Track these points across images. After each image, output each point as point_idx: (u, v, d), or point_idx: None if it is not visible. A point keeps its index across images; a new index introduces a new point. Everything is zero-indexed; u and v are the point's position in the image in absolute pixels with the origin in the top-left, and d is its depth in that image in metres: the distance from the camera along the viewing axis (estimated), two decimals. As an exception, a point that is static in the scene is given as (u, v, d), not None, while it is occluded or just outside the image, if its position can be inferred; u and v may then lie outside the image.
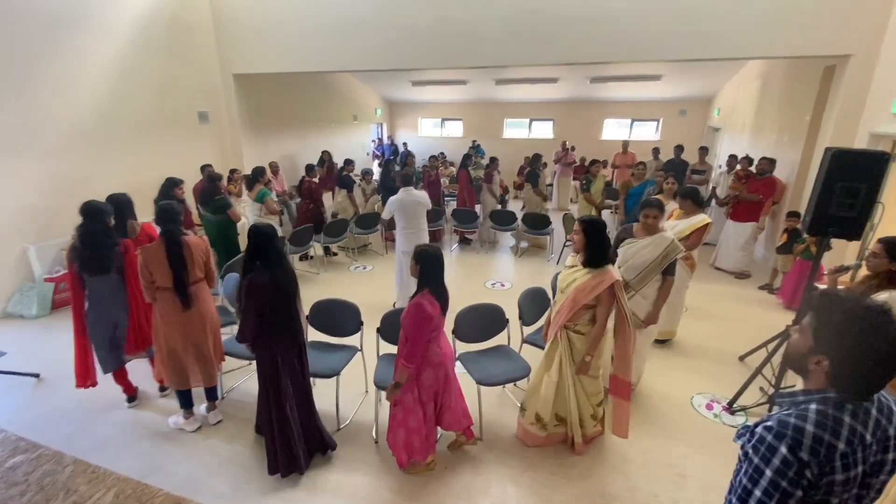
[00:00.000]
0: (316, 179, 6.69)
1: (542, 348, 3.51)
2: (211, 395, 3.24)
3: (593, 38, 5.71)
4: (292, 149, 9.50)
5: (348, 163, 7.35)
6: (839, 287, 2.71)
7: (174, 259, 2.83)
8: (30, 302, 4.82)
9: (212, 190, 5.04)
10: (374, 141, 13.89)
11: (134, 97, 6.00)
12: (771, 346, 3.52)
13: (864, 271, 2.87)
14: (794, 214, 5.22)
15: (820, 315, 1.14)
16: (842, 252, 5.03)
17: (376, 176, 10.63)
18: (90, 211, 3.07)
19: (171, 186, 4.61)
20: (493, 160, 7.88)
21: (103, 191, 5.66)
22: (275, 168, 7.96)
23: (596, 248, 2.60)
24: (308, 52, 6.82)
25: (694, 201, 3.95)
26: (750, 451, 1.13)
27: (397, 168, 8.32)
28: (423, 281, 2.46)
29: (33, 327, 4.65)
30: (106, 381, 3.67)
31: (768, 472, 1.07)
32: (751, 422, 3.19)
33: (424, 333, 2.38)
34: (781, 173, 6.37)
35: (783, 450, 1.06)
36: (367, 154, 13.07)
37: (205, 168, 6.13)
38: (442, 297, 2.47)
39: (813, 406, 1.11)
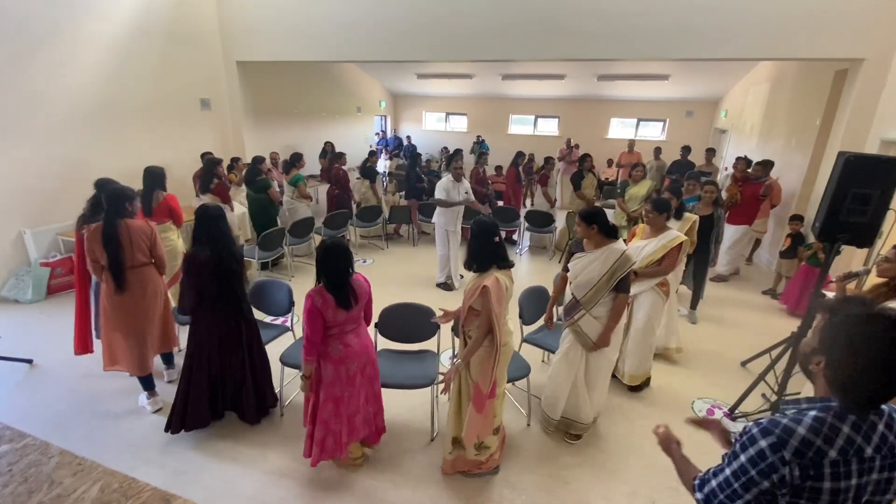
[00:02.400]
0: (345, 167, 7.07)
1: (543, 348, 3.48)
2: (167, 360, 3.42)
3: (602, 34, 5.62)
4: (294, 139, 9.42)
5: (372, 154, 7.57)
6: (849, 294, 2.64)
7: (106, 240, 2.88)
8: (25, 287, 4.77)
9: (254, 171, 5.58)
10: (377, 133, 13.80)
11: (134, 82, 5.91)
12: (774, 353, 3.46)
13: (872, 278, 2.81)
14: (797, 218, 5.15)
15: (829, 316, 1.13)
16: (848, 259, 4.96)
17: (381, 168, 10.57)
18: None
19: (212, 165, 5.20)
20: (549, 160, 7.67)
21: (102, 175, 5.62)
22: (275, 159, 7.89)
23: (477, 250, 2.42)
24: (313, 41, 6.73)
25: (667, 214, 3.40)
26: (737, 442, 1.17)
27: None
28: (319, 273, 2.40)
29: (28, 312, 4.60)
30: (98, 368, 3.63)
31: (742, 458, 1.11)
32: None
33: (315, 327, 2.34)
34: (789, 177, 6.30)
35: (762, 443, 1.08)
36: (371, 146, 12.97)
37: (204, 155, 6.06)
38: (340, 292, 2.37)
39: (812, 413, 1.09)
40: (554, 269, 4.95)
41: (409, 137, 13.65)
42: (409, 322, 3.21)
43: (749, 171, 6.09)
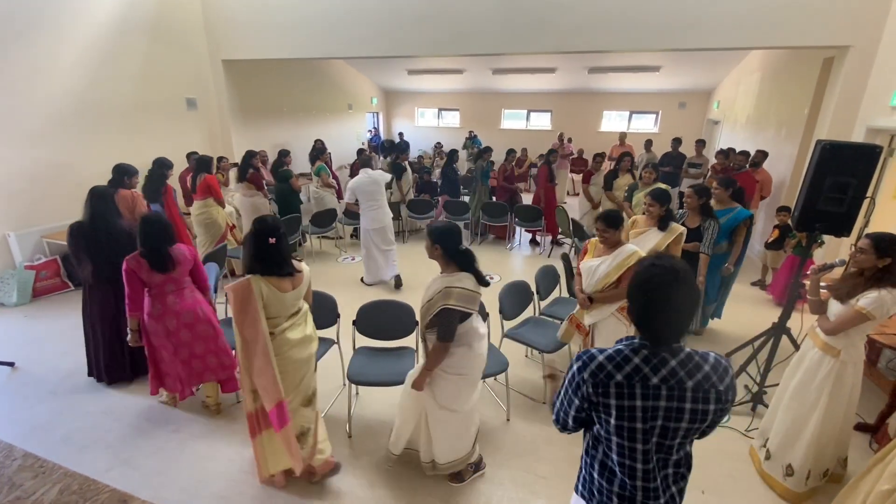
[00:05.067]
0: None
1: (525, 343, 3.47)
2: None
3: (589, 26, 5.57)
4: (284, 137, 9.38)
5: (403, 151, 7.64)
6: (823, 284, 2.62)
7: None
8: (10, 290, 4.75)
9: (279, 162, 6.43)
10: (370, 131, 13.75)
11: (118, 82, 5.88)
12: (756, 344, 3.44)
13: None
14: (784, 209, 5.13)
15: (636, 267, 1.37)
16: (836, 249, 4.94)
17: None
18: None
19: (250, 157, 5.84)
20: (596, 157, 7.06)
21: (87, 177, 5.60)
22: (263, 158, 7.85)
23: (249, 250, 2.26)
24: (299, 39, 6.68)
25: (615, 227, 2.85)
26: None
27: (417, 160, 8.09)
28: (140, 243, 2.75)
29: (12, 315, 4.58)
30: (80, 371, 3.64)
31: (566, 381, 1.41)
32: (733, 422, 3.13)
33: (133, 286, 2.74)
34: (779, 167, 6.27)
35: (574, 367, 1.36)
36: (363, 143, 12.92)
37: (191, 155, 6.04)
38: (154, 256, 2.72)
39: (618, 346, 1.33)
40: (539, 264, 4.88)
41: (401, 134, 13.58)
42: (388, 319, 3.20)
43: (728, 162, 6.08)
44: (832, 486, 2.55)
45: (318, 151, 7.01)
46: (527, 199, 7.44)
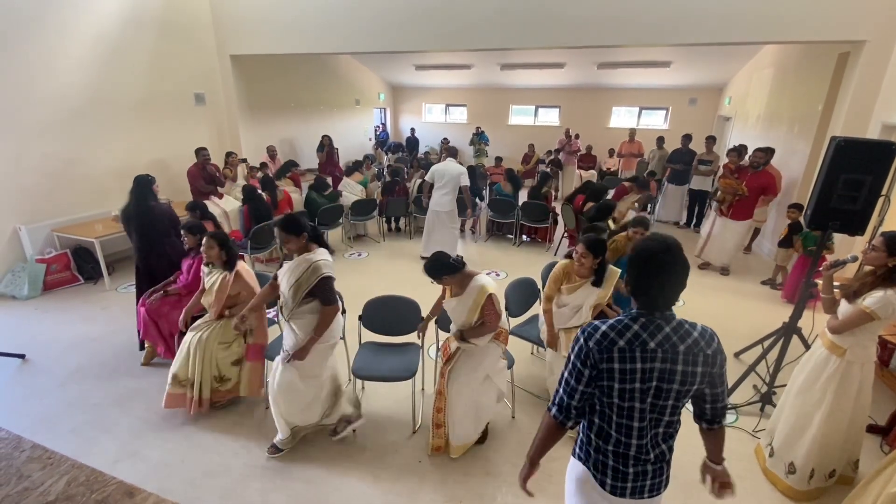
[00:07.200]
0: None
1: (530, 341, 3.45)
2: None
3: (599, 20, 5.50)
4: (292, 133, 9.40)
5: (426, 155, 7.78)
6: (836, 283, 2.58)
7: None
8: (21, 283, 4.81)
9: (324, 184, 6.77)
10: (377, 127, 13.73)
11: (125, 76, 5.90)
12: (766, 343, 3.40)
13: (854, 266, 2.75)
14: (795, 206, 5.05)
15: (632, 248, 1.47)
16: (849, 249, 4.85)
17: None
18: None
19: (291, 166, 7.14)
20: (641, 184, 6.17)
21: (97, 171, 5.65)
22: (272, 152, 7.88)
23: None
24: (307, 34, 6.67)
25: (595, 254, 2.68)
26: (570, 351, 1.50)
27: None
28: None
29: (24, 308, 4.64)
30: (89, 364, 3.67)
31: (572, 355, 1.46)
32: (742, 423, 3.10)
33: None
34: (791, 165, 6.17)
35: (581, 339, 1.43)
36: (370, 140, 12.93)
37: (199, 151, 6.06)
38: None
39: (618, 317, 1.44)
40: (545, 261, 4.87)
41: (413, 130, 13.53)
42: (394, 315, 3.20)
43: (742, 161, 5.97)
44: (843, 488, 2.52)
45: (358, 162, 7.72)
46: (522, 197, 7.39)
